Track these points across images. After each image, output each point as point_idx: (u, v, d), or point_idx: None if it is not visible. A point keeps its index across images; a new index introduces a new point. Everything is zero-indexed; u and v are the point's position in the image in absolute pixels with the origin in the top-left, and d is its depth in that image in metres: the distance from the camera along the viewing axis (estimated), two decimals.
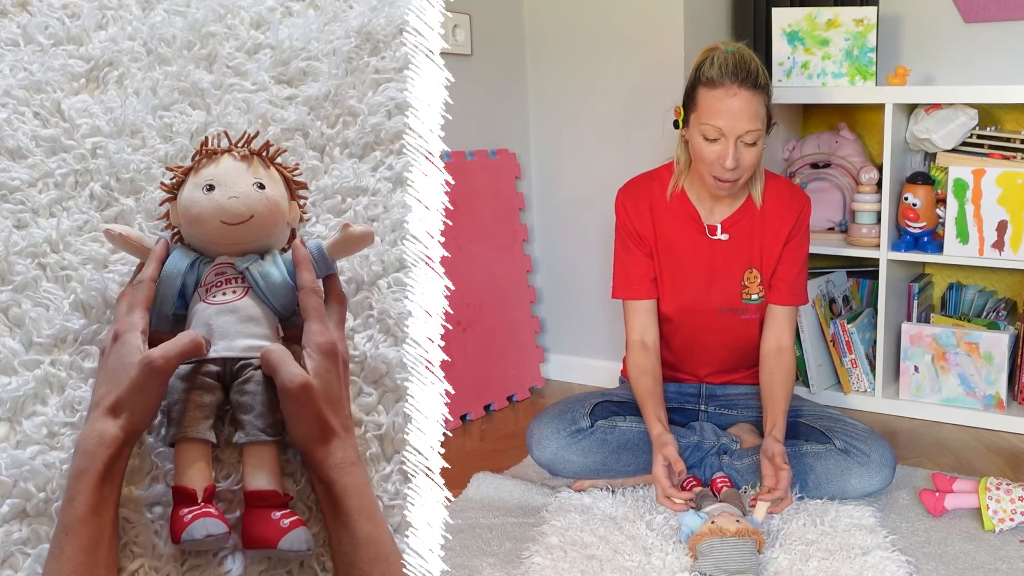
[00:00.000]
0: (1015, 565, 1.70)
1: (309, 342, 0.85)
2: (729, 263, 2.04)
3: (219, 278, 0.90)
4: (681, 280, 2.05)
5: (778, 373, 2.00)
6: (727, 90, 1.83)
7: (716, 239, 2.03)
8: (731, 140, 1.85)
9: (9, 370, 0.86)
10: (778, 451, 1.82)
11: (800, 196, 2.08)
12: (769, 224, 2.03)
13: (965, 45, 2.68)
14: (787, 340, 2.05)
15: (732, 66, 1.84)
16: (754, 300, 2.05)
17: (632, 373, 2.03)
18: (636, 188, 2.08)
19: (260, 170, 0.92)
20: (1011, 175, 2.37)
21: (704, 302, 2.05)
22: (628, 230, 2.06)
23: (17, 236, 0.92)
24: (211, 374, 0.85)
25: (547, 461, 2.02)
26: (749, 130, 1.85)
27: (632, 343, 2.06)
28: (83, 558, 0.75)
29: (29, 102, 0.99)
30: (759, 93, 1.85)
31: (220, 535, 0.80)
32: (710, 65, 1.87)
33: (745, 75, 1.83)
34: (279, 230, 0.93)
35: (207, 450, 0.84)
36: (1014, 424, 2.43)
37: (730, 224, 2.03)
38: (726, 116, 1.84)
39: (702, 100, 1.87)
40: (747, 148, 1.87)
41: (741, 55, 1.87)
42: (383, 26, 1.08)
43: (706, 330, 2.09)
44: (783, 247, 2.03)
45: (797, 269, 2.05)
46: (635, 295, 2.06)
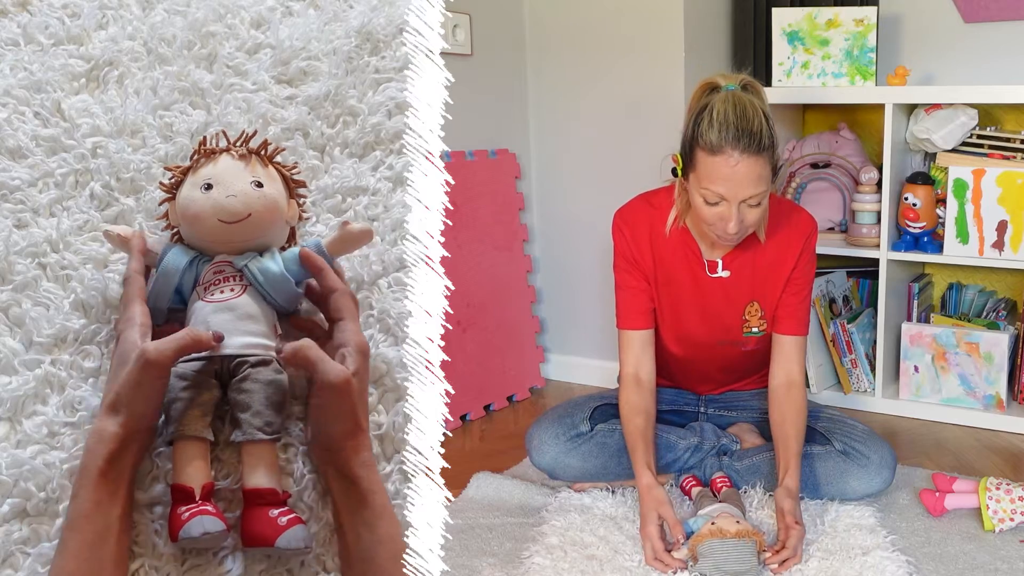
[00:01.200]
0: (1015, 565, 1.70)
1: (348, 341, 0.86)
2: (730, 299, 1.96)
3: (217, 276, 0.90)
4: (679, 315, 1.99)
5: (789, 412, 1.88)
6: (728, 158, 1.68)
7: (717, 277, 1.94)
8: (733, 205, 1.72)
9: (9, 370, 0.86)
10: (787, 508, 1.73)
11: (805, 223, 1.95)
12: (772, 255, 1.92)
13: (965, 45, 2.68)
14: (797, 374, 1.94)
15: (733, 129, 1.67)
16: (755, 333, 1.98)
17: (624, 411, 1.92)
18: (634, 215, 1.97)
19: (258, 169, 0.92)
20: (1011, 175, 2.37)
21: (702, 336, 2.00)
22: (626, 256, 1.97)
23: (17, 236, 0.92)
24: (208, 372, 0.85)
25: (547, 466, 2.01)
26: (753, 195, 1.71)
27: (625, 377, 1.95)
28: (87, 554, 0.75)
29: (29, 102, 0.99)
30: (764, 155, 1.70)
31: (218, 533, 0.80)
32: (708, 125, 1.69)
33: (748, 140, 1.67)
34: (277, 228, 0.93)
35: (205, 448, 0.84)
36: (1014, 424, 2.43)
37: (731, 259, 1.93)
38: (727, 184, 1.69)
39: (701, 165, 1.72)
40: (751, 209, 1.74)
41: (743, 110, 1.69)
42: (383, 26, 1.08)
43: (704, 360, 2.05)
44: (787, 276, 1.93)
45: (801, 297, 1.94)
46: (631, 325, 1.97)
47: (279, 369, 0.87)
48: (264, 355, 0.87)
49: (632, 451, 1.87)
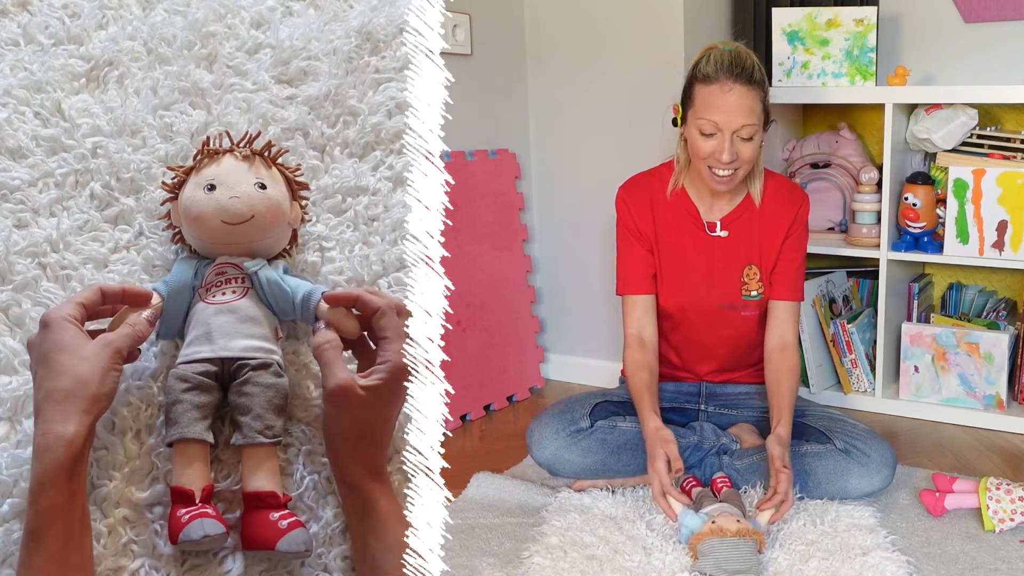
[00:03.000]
0: (1015, 565, 1.70)
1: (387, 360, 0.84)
2: (728, 260, 2.05)
3: (219, 278, 0.90)
4: (681, 276, 2.07)
5: (783, 370, 2.00)
6: (722, 85, 1.85)
7: (715, 236, 2.05)
8: (727, 134, 1.86)
9: (9, 369, 0.86)
10: (777, 453, 1.81)
11: (799, 193, 2.09)
12: (768, 221, 2.04)
13: (965, 45, 2.68)
14: (790, 336, 2.06)
15: (728, 63, 1.86)
16: (753, 296, 2.06)
17: (628, 368, 2.04)
18: (636, 185, 2.09)
19: (262, 170, 0.92)
20: (1011, 175, 2.37)
21: (704, 298, 2.07)
22: (628, 226, 2.07)
23: (17, 236, 0.92)
24: (209, 374, 0.85)
25: (547, 461, 2.02)
26: (745, 124, 1.86)
27: (629, 338, 2.06)
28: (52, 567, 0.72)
29: (29, 102, 0.99)
30: (755, 88, 1.87)
31: (217, 535, 0.80)
32: (706, 62, 1.89)
33: (740, 71, 1.86)
34: (280, 230, 0.93)
35: (205, 450, 0.84)
36: (1014, 424, 2.42)
37: (729, 221, 2.04)
38: (721, 111, 1.86)
39: (698, 96, 1.90)
40: (744, 143, 1.88)
41: (738, 52, 1.89)
42: (383, 26, 1.08)
43: (706, 326, 2.09)
44: (782, 243, 2.04)
45: (796, 265, 2.07)
46: (633, 290, 2.07)
47: (280, 372, 0.87)
48: (265, 358, 0.87)
49: (638, 402, 1.96)
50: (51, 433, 0.74)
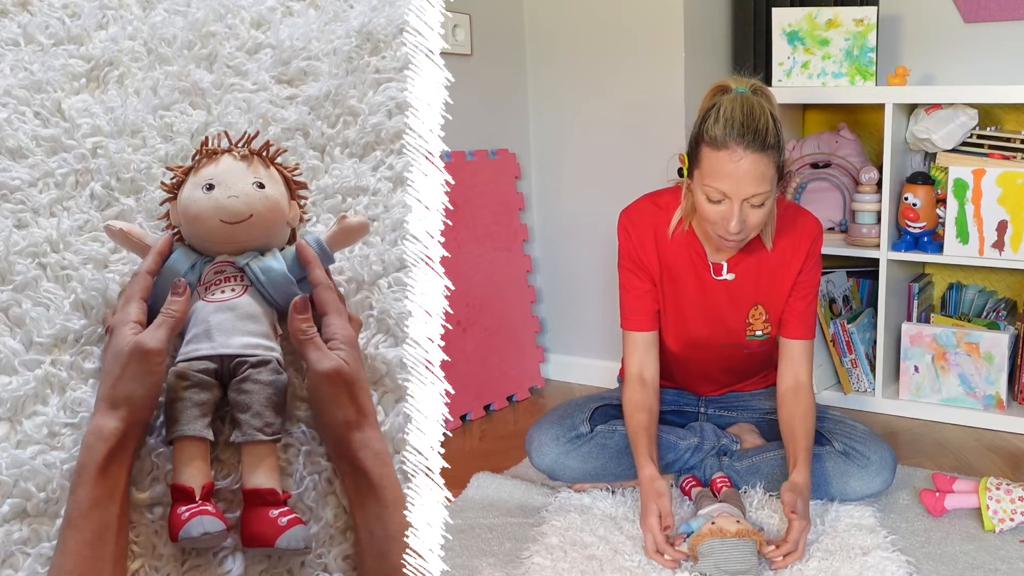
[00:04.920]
0: (1015, 565, 1.70)
1: (335, 335, 0.86)
2: (734, 302, 1.95)
3: (218, 276, 0.90)
4: (683, 316, 1.99)
5: (797, 413, 1.89)
6: (732, 153, 1.68)
7: (721, 279, 1.93)
8: (736, 203, 1.71)
9: (9, 370, 0.86)
10: (788, 500, 1.71)
11: (809, 225, 1.94)
12: (777, 260, 1.92)
13: (965, 45, 2.68)
14: (804, 376, 1.94)
15: (739, 126, 1.68)
16: (758, 336, 1.98)
17: (627, 408, 1.94)
18: (641, 216, 1.96)
19: (260, 170, 0.93)
20: (1011, 175, 2.37)
21: (706, 338, 1.99)
22: (631, 257, 1.96)
23: (17, 236, 0.92)
24: (209, 371, 0.85)
25: (547, 468, 2.00)
26: (755, 193, 1.71)
27: (630, 377, 1.97)
28: (86, 552, 0.75)
29: (29, 102, 0.99)
30: (768, 154, 1.70)
31: (217, 533, 0.80)
32: (715, 121, 1.70)
33: (752, 136, 1.68)
34: (279, 229, 0.93)
35: (205, 448, 0.84)
36: (1014, 424, 2.42)
37: (736, 262, 1.92)
38: (730, 180, 1.70)
39: (705, 160, 1.73)
40: (753, 210, 1.74)
41: (750, 109, 1.70)
42: (383, 26, 1.08)
43: (707, 361, 2.05)
44: (793, 281, 1.93)
45: (807, 301, 1.94)
46: (635, 327, 1.97)
47: (279, 370, 0.87)
48: (264, 355, 0.87)
49: (635, 445, 1.88)
50: (92, 431, 0.79)
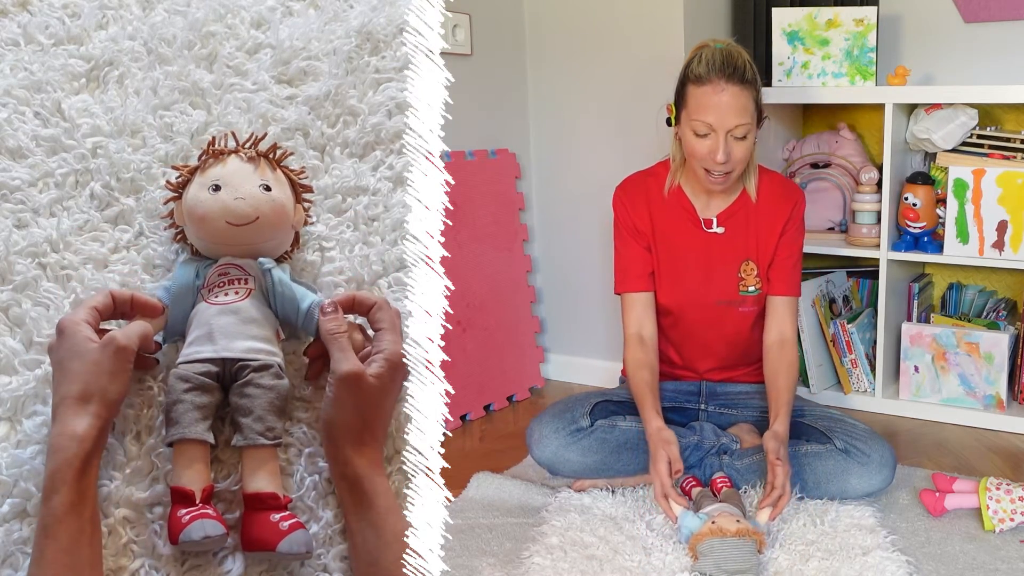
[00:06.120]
0: (1015, 565, 1.70)
1: (383, 349, 0.87)
2: (725, 256, 2.07)
3: (222, 279, 0.90)
4: (678, 273, 2.08)
5: (781, 366, 2.02)
6: (715, 86, 1.86)
7: (712, 232, 2.06)
8: (721, 135, 1.87)
9: (9, 369, 0.86)
10: (772, 447, 1.82)
11: (794, 190, 2.11)
12: (764, 217, 2.05)
13: (965, 45, 2.68)
14: (789, 332, 2.07)
15: (719, 62, 1.87)
16: (751, 292, 2.07)
17: (629, 367, 2.04)
18: (633, 185, 2.11)
19: (267, 172, 0.92)
20: (1011, 175, 2.37)
21: (701, 295, 2.07)
22: (626, 224, 2.09)
23: (17, 236, 0.92)
24: (210, 375, 0.85)
25: (547, 460, 2.02)
26: (738, 124, 1.87)
27: (629, 337, 2.07)
28: (64, 560, 0.74)
29: (29, 102, 0.99)
30: (747, 87, 1.88)
31: (218, 536, 0.80)
32: (698, 62, 1.89)
33: (732, 70, 1.86)
34: (284, 232, 0.93)
35: (205, 451, 0.84)
36: (1014, 424, 2.42)
37: (725, 217, 2.06)
38: (714, 111, 1.86)
39: (691, 97, 1.90)
40: (737, 142, 1.90)
41: (729, 51, 1.89)
42: (383, 26, 1.08)
43: (704, 323, 2.10)
44: (778, 239, 2.06)
45: (793, 260, 2.08)
46: (632, 288, 2.08)
47: (280, 374, 0.87)
48: (266, 360, 0.87)
49: (640, 402, 1.97)
50: (63, 433, 0.77)
